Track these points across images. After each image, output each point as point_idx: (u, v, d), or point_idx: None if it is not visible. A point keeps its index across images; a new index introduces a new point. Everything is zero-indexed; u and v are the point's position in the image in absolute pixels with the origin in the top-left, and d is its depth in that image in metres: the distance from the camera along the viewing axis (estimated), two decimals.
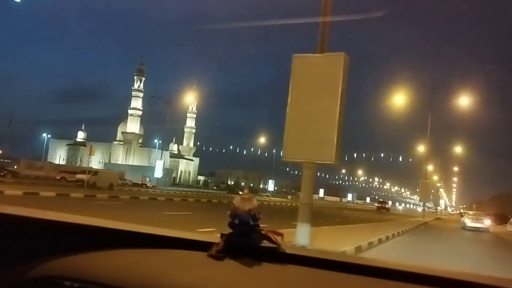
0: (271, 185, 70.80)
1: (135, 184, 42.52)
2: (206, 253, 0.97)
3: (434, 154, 49.67)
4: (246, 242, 0.96)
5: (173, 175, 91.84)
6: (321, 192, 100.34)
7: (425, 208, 43.76)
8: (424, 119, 35.29)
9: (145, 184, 42.39)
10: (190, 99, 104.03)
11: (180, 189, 53.98)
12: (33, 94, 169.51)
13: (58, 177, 35.46)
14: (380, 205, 61.55)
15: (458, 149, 48.05)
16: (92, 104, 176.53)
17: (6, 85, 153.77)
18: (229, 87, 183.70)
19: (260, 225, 0.97)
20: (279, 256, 0.97)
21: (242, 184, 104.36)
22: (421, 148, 42.10)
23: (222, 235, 0.98)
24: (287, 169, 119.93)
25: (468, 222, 27.53)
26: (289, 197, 74.75)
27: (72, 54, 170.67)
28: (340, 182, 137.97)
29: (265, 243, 0.97)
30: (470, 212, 31.62)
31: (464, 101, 30.82)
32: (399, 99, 30.26)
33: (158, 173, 41.53)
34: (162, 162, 42.02)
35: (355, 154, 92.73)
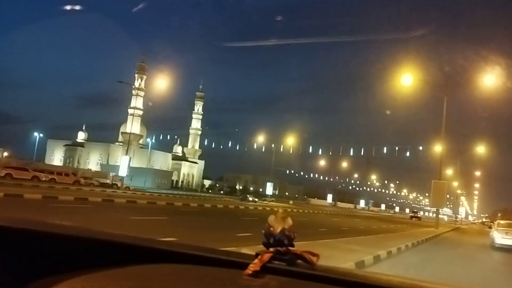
0: (269, 188, 65.09)
1: (103, 184, 37.85)
2: (243, 273, 0.94)
3: (453, 155, 43.73)
4: (281, 262, 0.96)
5: (174, 178, 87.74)
6: (329, 197, 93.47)
7: (440, 215, 36.70)
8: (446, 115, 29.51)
9: (116, 184, 37.77)
10: (196, 100, 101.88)
11: (170, 192, 49.00)
12: (57, 99, 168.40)
13: (2, 174, 31.04)
14: (413, 214, 69.23)
15: (480, 149, 41.50)
16: (107, 109, 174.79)
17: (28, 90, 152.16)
18: (241, 92, 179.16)
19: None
20: (314, 277, 0.95)
21: (251, 188, 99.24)
22: (438, 148, 35.90)
23: (257, 254, 0.97)
24: (298, 174, 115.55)
25: (499, 238, 18.36)
26: (291, 202, 69.21)
27: (95, 59, 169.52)
28: (352, 187, 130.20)
29: (300, 264, 0.97)
30: (502, 222, 21.19)
31: (489, 80, 24.76)
32: (407, 80, 24.68)
33: (123, 171, 36.82)
34: (127, 158, 37.31)
35: (360, 153, 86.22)
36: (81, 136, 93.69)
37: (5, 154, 79.04)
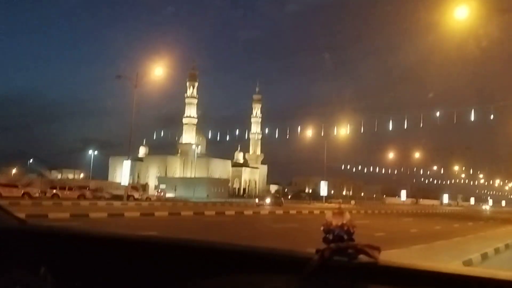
0: (324, 188, 57.71)
1: (115, 197, 33.82)
2: (306, 269, 0.95)
3: None
4: (342, 257, 0.95)
5: (235, 186, 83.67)
6: (403, 193, 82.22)
7: None
8: None
9: (132, 196, 33.64)
10: (254, 103, 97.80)
11: (218, 200, 44.20)
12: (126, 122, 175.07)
13: None
14: None
15: None
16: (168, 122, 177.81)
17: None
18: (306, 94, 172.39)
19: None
20: (377, 271, 0.94)
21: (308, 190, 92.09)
22: None
23: (317, 250, 0.97)
24: (374, 172, 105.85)
25: None
26: (353, 202, 61.06)
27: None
28: (429, 181, 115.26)
29: (362, 258, 0.95)
30: None
31: None
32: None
33: (125, 179, 32.54)
34: (129, 162, 32.94)
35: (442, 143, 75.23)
36: (142, 151, 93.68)
37: (82, 175, 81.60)
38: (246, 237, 11.83)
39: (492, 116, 34.61)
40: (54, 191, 32.88)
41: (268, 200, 41.20)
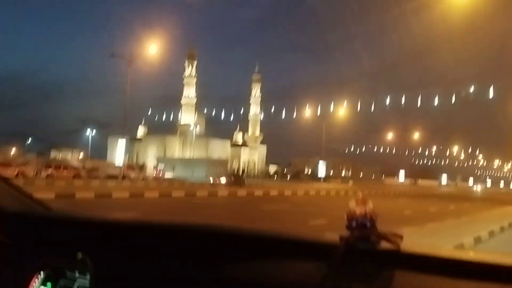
0: (321, 168, 57.46)
1: (111, 177, 33.75)
2: (330, 257, 0.98)
3: None
4: (365, 245, 0.97)
5: (232, 166, 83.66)
6: (402, 174, 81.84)
7: None
8: None
9: (128, 176, 33.54)
10: (253, 83, 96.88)
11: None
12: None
13: None
14: None
15: None
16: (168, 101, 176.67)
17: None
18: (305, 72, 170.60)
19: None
20: (401, 258, 0.96)
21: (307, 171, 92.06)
22: None
23: (341, 238, 0.99)
24: (371, 152, 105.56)
25: None
26: (351, 182, 61.12)
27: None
28: (429, 161, 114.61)
29: (384, 246, 0.97)
30: None
31: None
32: None
33: (120, 159, 32.28)
34: (123, 141, 32.80)
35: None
36: (140, 131, 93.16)
37: (81, 155, 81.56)
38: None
39: (491, 95, 34.21)
40: (50, 170, 32.79)
41: (223, 179, 36.21)
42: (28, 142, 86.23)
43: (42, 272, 1.32)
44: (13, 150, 69.95)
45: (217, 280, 1.08)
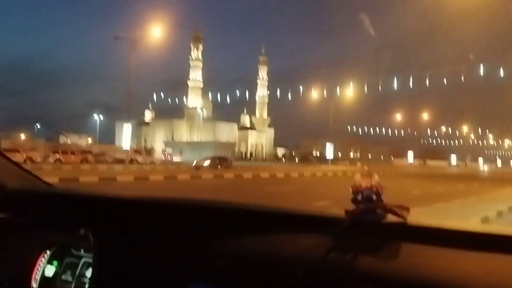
0: (329, 150, 57.10)
1: (118, 161, 33.84)
2: (335, 229, 0.97)
3: None
4: (371, 217, 0.97)
5: (242, 150, 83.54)
6: (410, 155, 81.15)
7: None
8: None
9: (136, 160, 33.58)
10: (260, 65, 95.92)
11: None
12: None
13: None
14: None
15: None
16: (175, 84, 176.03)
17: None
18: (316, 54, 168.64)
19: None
20: (407, 231, 0.95)
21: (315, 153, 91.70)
22: None
23: (347, 211, 0.99)
24: (381, 133, 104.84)
25: None
26: (359, 164, 60.80)
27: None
28: (438, 141, 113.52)
29: (391, 218, 0.97)
30: None
31: None
32: None
33: (126, 143, 32.16)
34: (129, 125, 32.68)
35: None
36: (148, 115, 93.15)
37: (90, 140, 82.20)
38: None
39: (502, 74, 33.44)
40: (57, 155, 33.07)
41: (207, 163, 33.81)
42: (38, 128, 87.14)
43: (48, 251, 1.32)
44: (23, 136, 70.63)
45: (223, 254, 1.07)
